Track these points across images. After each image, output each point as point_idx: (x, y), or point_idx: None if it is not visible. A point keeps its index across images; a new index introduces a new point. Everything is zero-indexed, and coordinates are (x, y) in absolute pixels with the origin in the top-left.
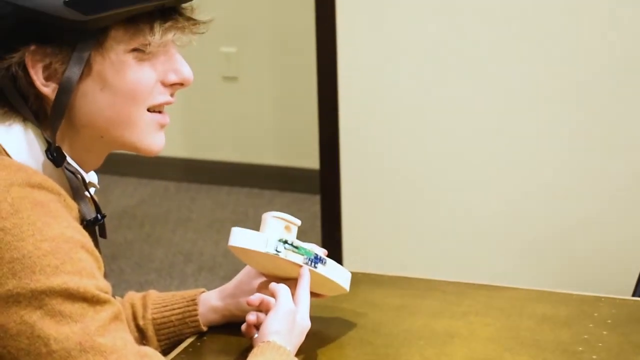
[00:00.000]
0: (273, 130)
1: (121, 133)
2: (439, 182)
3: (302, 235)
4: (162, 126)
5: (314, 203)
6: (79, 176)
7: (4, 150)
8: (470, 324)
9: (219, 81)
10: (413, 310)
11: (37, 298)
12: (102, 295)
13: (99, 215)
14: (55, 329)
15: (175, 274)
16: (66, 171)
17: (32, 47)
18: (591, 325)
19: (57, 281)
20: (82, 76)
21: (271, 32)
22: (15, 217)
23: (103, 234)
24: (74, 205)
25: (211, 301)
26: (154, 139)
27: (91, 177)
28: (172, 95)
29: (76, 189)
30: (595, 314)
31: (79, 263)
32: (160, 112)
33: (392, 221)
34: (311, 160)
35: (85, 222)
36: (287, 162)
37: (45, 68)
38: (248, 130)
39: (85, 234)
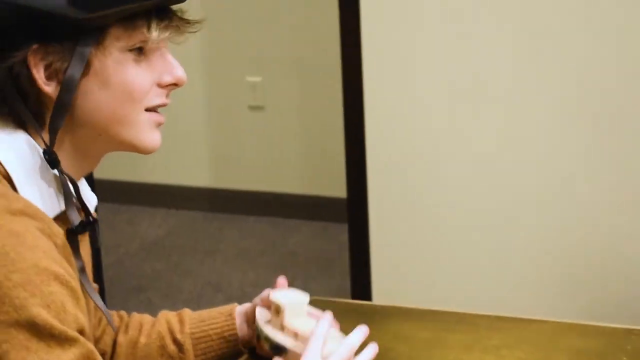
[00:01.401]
0: (299, 159)
1: (119, 131)
2: (469, 212)
3: (330, 265)
4: (158, 125)
5: (341, 232)
6: (70, 181)
7: None
8: (502, 358)
9: (245, 110)
10: (444, 344)
11: (5, 331)
12: (71, 333)
13: (90, 218)
14: None
15: (204, 304)
16: (60, 175)
17: (35, 46)
18: (624, 358)
19: (25, 314)
20: (83, 74)
21: (296, 61)
22: None
23: (95, 242)
24: (58, 231)
25: (245, 311)
26: (150, 137)
27: (88, 197)
28: (167, 96)
29: (68, 194)
30: (628, 347)
31: (49, 296)
32: (156, 112)
33: (421, 251)
34: (338, 188)
35: (73, 229)
36: (313, 191)
37: (47, 67)
38: (274, 160)
39: (65, 264)
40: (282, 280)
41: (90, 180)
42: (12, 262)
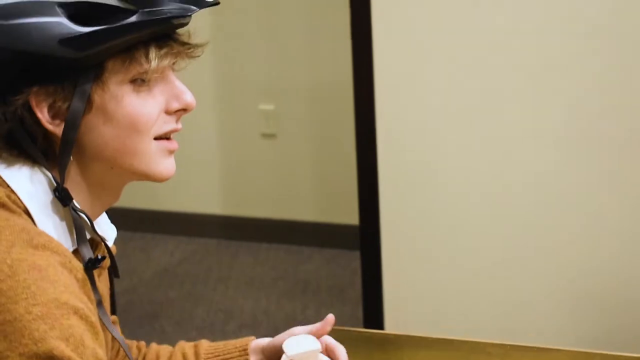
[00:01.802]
0: (312, 186)
1: (130, 163)
2: (483, 241)
3: (342, 292)
4: (170, 152)
5: (353, 259)
6: (85, 220)
7: (18, 197)
8: None
9: (258, 138)
10: None
11: None
12: None
13: (99, 256)
14: None
15: (217, 332)
16: (72, 211)
17: (35, 88)
18: None
19: (44, 347)
20: (86, 110)
21: (309, 89)
22: (12, 279)
23: (116, 274)
24: (79, 266)
25: (260, 344)
26: (163, 165)
27: (106, 229)
28: (177, 121)
29: (80, 230)
30: None
31: (68, 330)
32: (168, 138)
33: (434, 279)
34: (350, 216)
35: (85, 265)
36: (326, 219)
37: (50, 107)
38: (287, 187)
39: (84, 299)
40: (330, 318)
41: None
42: (33, 295)
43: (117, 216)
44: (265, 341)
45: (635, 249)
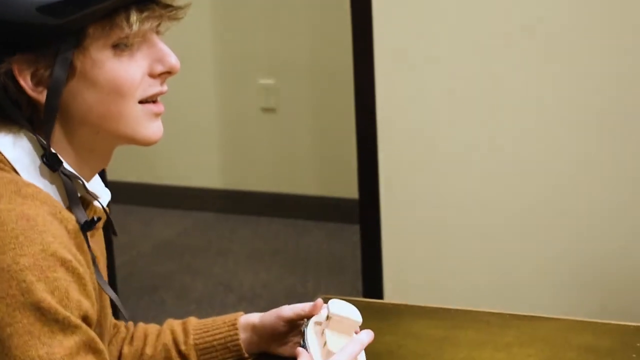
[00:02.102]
0: (311, 160)
1: (116, 127)
2: (480, 212)
3: (342, 265)
4: (157, 115)
5: (354, 233)
6: (79, 181)
7: (5, 159)
8: (513, 356)
9: (258, 112)
10: (455, 341)
11: (10, 314)
12: (74, 320)
13: (94, 218)
14: (21, 350)
15: (216, 304)
16: (62, 175)
17: (17, 57)
18: (634, 355)
19: (31, 298)
20: (69, 77)
21: (309, 63)
22: (0, 229)
23: (113, 232)
24: (70, 217)
25: (250, 321)
26: (149, 129)
27: (99, 189)
28: (162, 84)
29: (72, 193)
30: (638, 344)
31: (54, 282)
32: (154, 101)
33: (432, 251)
34: (350, 190)
35: (81, 227)
36: (326, 192)
37: (33, 75)
38: (287, 161)
39: (74, 250)
40: (319, 302)
41: (103, 181)
42: (20, 246)
43: (117, 190)
44: (255, 318)
45: (628, 223)
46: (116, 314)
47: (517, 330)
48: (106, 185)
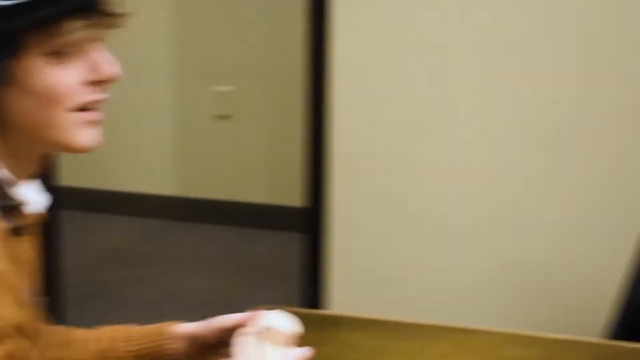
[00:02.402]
0: (264, 168)
1: (48, 135)
2: (426, 224)
3: (290, 275)
4: (90, 123)
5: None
6: (7, 186)
7: None
8: None
9: (212, 119)
10: (391, 351)
11: None
12: (1, 330)
13: (21, 223)
14: None
15: (161, 313)
16: None
17: None
18: None
19: None
20: (4, 85)
21: (264, 70)
22: None
23: (47, 238)
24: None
25: (185, 330)
26: (81, 136)
27: (34, 196)
28: (102, 92)
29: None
30: (567, 357)
31: None
32: (90, 109)
33: (376, 261)
34: (300, 198)
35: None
36: (277, 201)
37: None
38: (239, 169)
39: (1, 253)
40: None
41: (51, 186)
42: None
43: (67, 195)
44: (190, 327)
45: (558, 237)
46: (60, 319)
47: (451, 341)
48: (55, 190)
